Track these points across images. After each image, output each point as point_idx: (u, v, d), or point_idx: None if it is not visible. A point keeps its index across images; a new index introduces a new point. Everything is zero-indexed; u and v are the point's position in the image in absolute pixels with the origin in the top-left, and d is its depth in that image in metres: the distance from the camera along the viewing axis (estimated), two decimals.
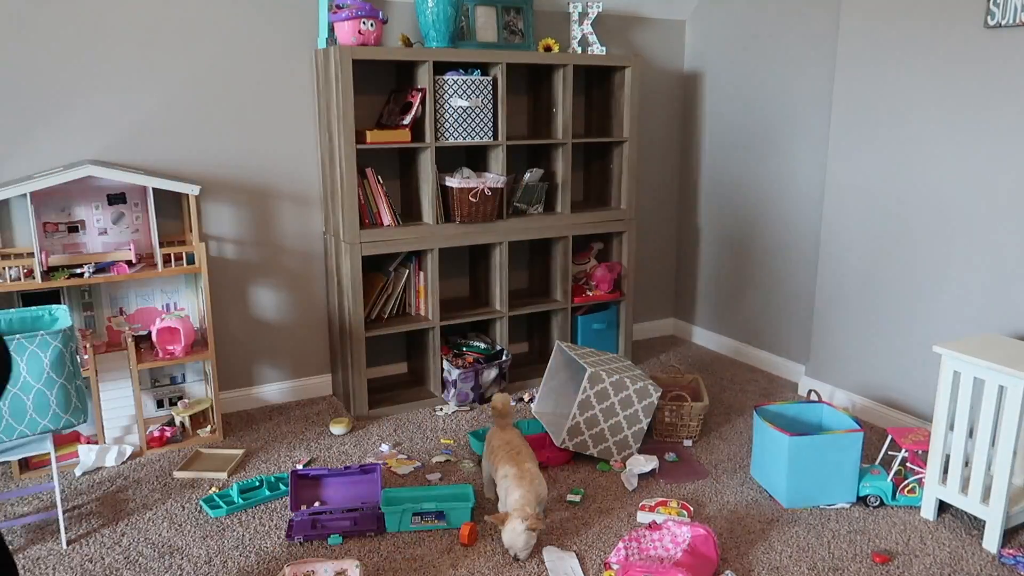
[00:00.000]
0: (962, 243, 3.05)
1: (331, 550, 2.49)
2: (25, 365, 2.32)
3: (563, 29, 3.92)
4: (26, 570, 2.38)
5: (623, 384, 2.98)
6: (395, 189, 3.69)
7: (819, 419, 2.98)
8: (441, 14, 3.26)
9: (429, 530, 2.59)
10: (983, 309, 3.01)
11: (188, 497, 2.80)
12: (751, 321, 4.21)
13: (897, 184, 3.25)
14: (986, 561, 2.45)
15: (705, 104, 4.31)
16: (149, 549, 2.49)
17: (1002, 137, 2.88)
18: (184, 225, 3.32)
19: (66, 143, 3.06)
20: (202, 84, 3.25)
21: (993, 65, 2.87)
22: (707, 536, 2.41)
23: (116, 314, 3.23)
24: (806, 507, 2.75)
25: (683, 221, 4.60)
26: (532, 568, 2.39)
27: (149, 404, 3.33)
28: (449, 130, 3.37)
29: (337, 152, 3.23)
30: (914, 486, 2.74)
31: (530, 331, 4.22)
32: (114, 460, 3.03)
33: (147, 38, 3.12)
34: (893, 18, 3.18)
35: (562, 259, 3.83)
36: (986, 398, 2.45)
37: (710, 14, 4.20)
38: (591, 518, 2.68)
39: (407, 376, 3.92)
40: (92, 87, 3.06)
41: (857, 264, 3.46)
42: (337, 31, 3.17)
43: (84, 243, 3.12)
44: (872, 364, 3.46)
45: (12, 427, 2.35)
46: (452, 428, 3.40)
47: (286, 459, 3.11)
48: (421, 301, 3.61)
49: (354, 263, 3.30)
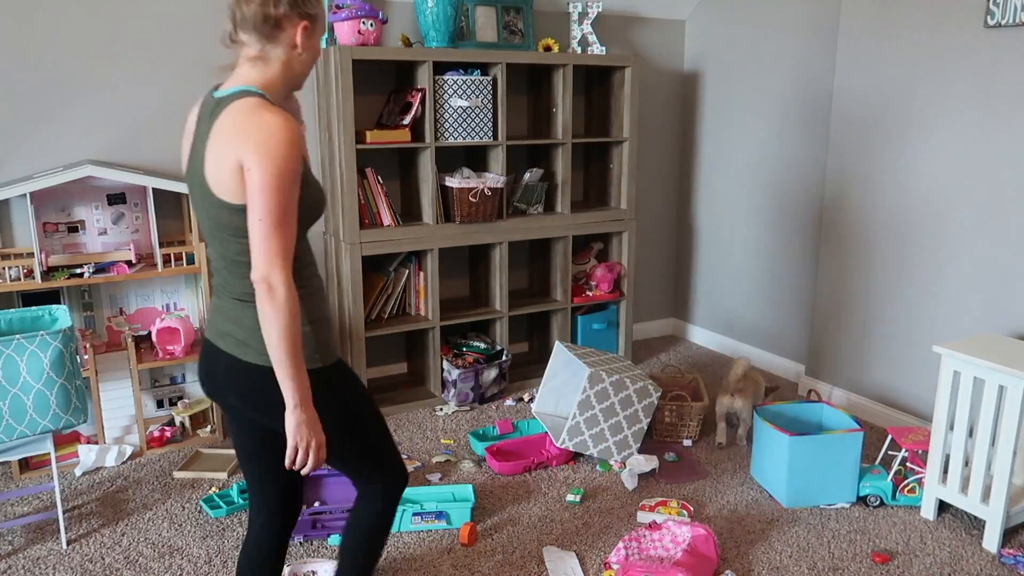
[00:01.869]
0: (962, 243, 3.05)
1: (331, 550, 2.49)
2: (25, 365, 2.32)
3: (563, 29, 3.92)
4: (26, 570, 2.38)
5: (623, 384, 2.98)
6: (395, 189, 3.69)
7: (819, 419, 2.98)
8: (441, 14, 3.26)
9: (429, 530, 2.59)
10: (983, 309, 3.01)
11: (188, 497, 2.80)
12: (751, 321, 4.21)
13: (897, 183, 3.25)
14: (986, 561, 2.45)
15: (705, 104, 4.31)
16: (149, 549, 2.49)
17: (1002, 137, 2.88)
18: (184, 225, 3.32)
19: (66, 143, 3.06)
20: (202, 84, 3.24)
21: (993, 65, 2.87)
22: (707, 536, 2.41)
23: (116, 314, 3.23)
24: (806, 507, 2.75)
25: (683, 221, 4.60)
26: (532, 568, 2.39)
27: (149, 404, 3.33)
28: (449, 130, 3.37)
29: (337, 152, 3.23)
30: (914, 486, 2.74)
31: (530, 331, 4.22)
32: (114, 460, 3.03)
33: (147, 38, 3.12)
34: (893, 18, 3.18)
35: (562, 259, 3.83)
36: (986, 398, 2.45)
37: (710, 14, 4.20)
38: (591, 518, 2.68)
39: (407, 376, 3.92)
40: (92, 87, 3.06)
41: (857, 263, 3.46)
42: (337, 31, 3.17)
43: (84, 243, 3.12)
44: (872, 364, 3.46)
45: (12, 427, 2.35)
46: (452, 428, 3.40)
47: None
48: (421, 301, 3.61)
49: (354, 263, 3.30)
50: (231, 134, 1.46)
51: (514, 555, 2.47)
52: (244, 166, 1.44)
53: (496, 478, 2.95)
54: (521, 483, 2.92)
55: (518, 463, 2.97)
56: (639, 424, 3.02)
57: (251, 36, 1.53)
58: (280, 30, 1.52)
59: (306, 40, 1.55)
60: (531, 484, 2.91)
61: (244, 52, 1.55)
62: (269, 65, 1.55)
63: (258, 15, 1.50)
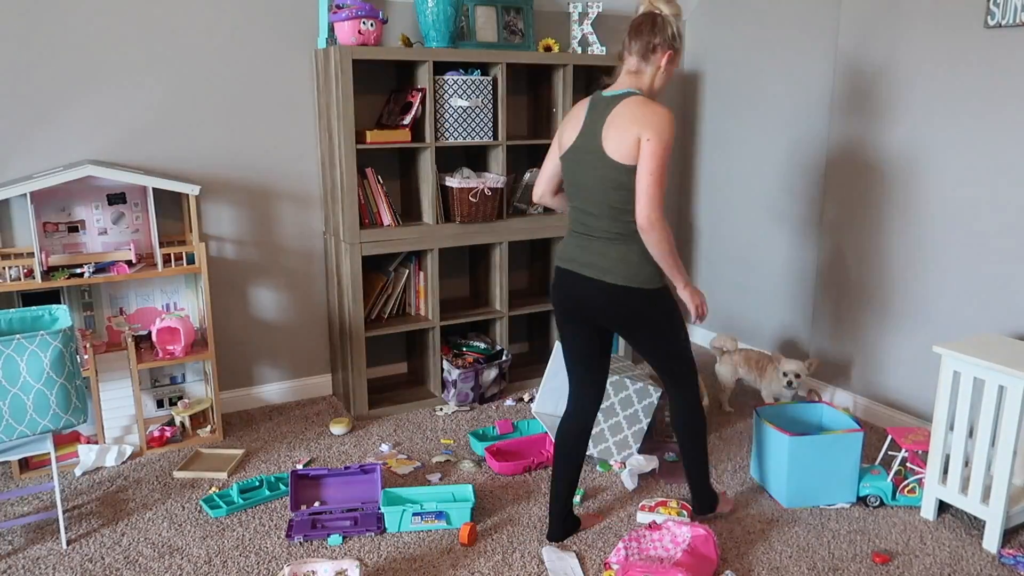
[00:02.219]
0: (962, 243, 3.05)
1: (331, 550, 2.49)
2: (25, 365, 2.32)
3: (563, 29, 3.92)
4: (26, 570, 2.38)
5: (623, 384, 2.98)
6: (395, 189, 3.69)
7: (819, 419, 2.98)
8: (441, 14, 3.26)
9: (429, 530, 2.59)
10: (983, 309, 3.01)
11: (188, 497, 2.80)
12: (751, 320, 4.21)
13: (897, 183, 3.25)
14: (986, 561, 2.45)
15: (705, 104, 4.31)
16: (149, 549, 2.49)
17: (1002, 137, 2.88)
18: (184, 225, 3.32)
19: (66, 143, 3.06)
20: (202, 84, 3.25)
21: (993, 65, 2.87)
22: (707, 536, 2.41)
23: (116, 314, 3.23)
24: (806, 507, 2.75)
25: (683, 221, 4.60)
26: (532, 568, 2.39)
27: (149, 404, 3.33)
28: (449, 130, 3.37)
29: (337, 152, 3.23)
30: (914, 486, 2.74)
31: (530, 331, 4.22)
32: (114, 460, 3.03)
33: (147, 38, 3.12)
34: (893, 18, 3.18)
35: None
36: (986, 398, 2.45)
37: (710, 14, 4.20)
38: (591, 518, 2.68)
39: (407, 376, 3.92)
40: (92, 87, 3.06)
41: (857, 264, 3.46)
42: (337, 31, 3.17)
43: (84, 243, 3.12)
44: (872, 364, 3.46)
45: (12, 427, 2.35)
46: (452, 428, 3.40)
47: (286, 459, 3.11)
48: (421, 301, 3.61)
49: (354, 263, 3.30)
50: (633, 118, 2.15)
51: (514, 555, 2.47)
52: (642, 138, 2.13)
53: (496, 478, 2.95)
54: (521, 483, 2.92)
55: (518, 463, 2.97)
56: (639, 424, 3.02)
57: (634, 57, 2.24)
58: (653, 55, 2.22)
59: (667, 64, 2.24)
60: (531, 484, 2.91)
61: (625, 66, 2.27)
62: (641, 78, 2.26)
63: (644, 44, 2.21)
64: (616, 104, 2.20)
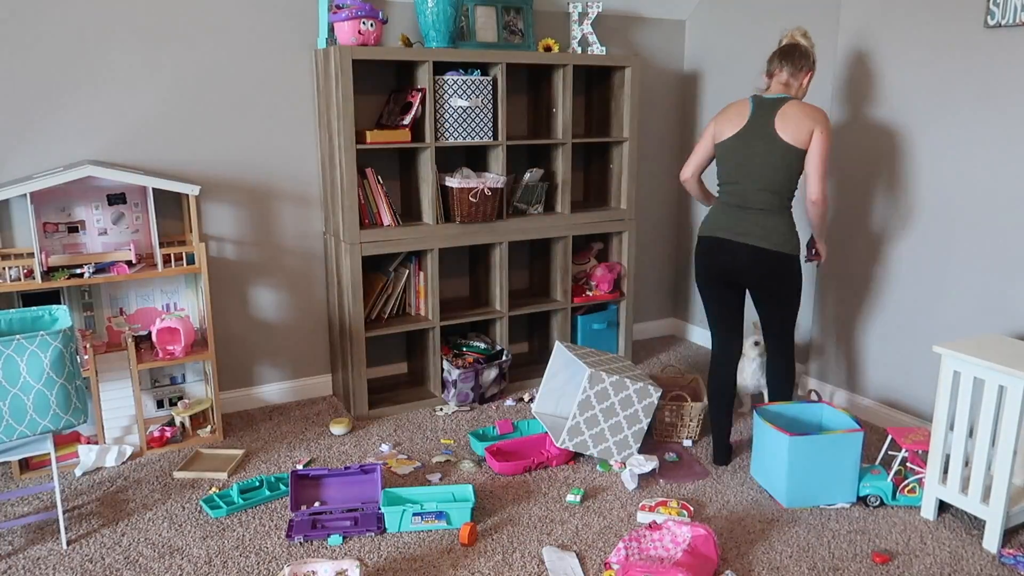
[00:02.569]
0: (962, 243, 3.05)
1: (331, 550, 2.49)
2: (25, 365, 2.32)
3: (563, 29, 3.92)
4: (26, 570, 2.38)
5: (623, 384, 2.98)
6: (395, 189, 3.69)
7: (819, 419, 2.98)
8: (441, 14, 3.26)
9: (429, 530, 2.59)
10: (983, 309, 3.01)
11: (188, 497, 2.80)
12: (750, 320, 4.20)
13: (897, 184, 3.25)
14: (986, 561, 2.45)
15: (705, 104, 4.31)
16: (149, 549, 2.49)
17: (1002, 137, 2.88)
18: (184, 225, 3.32)
19: (66, 143, 3.06)
20: (202, 84, 3.25)
21: (993, 65, 2.87)
22: (707, 536, 2.41)
23: (116, 314, 3.23)
24: (806, 507, 2.75)
25: (683, 221, 4.60)
26: (532, 568, 2.40)
27: (149, 404, 3.33)
28: (449, 130, 3.37)
29: (337, 152, 3.23)
30: (914, 486, 2.74)
31: (530, 331, 4.22)
32: (114, 460, 3.03)
33: (147, 38, 3.12)
34: (893, 18, 3.18)
35: (562, 259, 3.83)
36: (986, 398, 2.45)
37: (710, 14, 4.20)
38: (591, 518, 2.68)
39: (407, 376, 3.92)
40: (92, 87, 3.06)
41: (857, 263, 3.46)
42: (337, 31, 3.17)
43: (84, 243, 3.12)
44: (872, 364, 3.46)
45: (12, 427, 2.35)
46: (452, 428, 3.40)
47: (286, 459, 3.11)
48: (421, 301, 3.61)
49: (354, 263, 3.30)
50: (806, 114, 2.74)
51: (514, 555, 2.47)
52: (815, 131, 2.72)
53: (496, 478, 2.95)
54: (521, 483, 2.92)
55: (518, 463, 2.97)
56: (639, 424, 3.02)
57: (786, 74, 2.84)
58: (800, 72, 2.85)
59: (807, 80, 2.87)
60: (531, 484, 2.91)
61: (777, 79, 2.86)
62: (791, 88, 2.86)
63: (795, 66, 2.83)
64: (782, 104, 2.78)
